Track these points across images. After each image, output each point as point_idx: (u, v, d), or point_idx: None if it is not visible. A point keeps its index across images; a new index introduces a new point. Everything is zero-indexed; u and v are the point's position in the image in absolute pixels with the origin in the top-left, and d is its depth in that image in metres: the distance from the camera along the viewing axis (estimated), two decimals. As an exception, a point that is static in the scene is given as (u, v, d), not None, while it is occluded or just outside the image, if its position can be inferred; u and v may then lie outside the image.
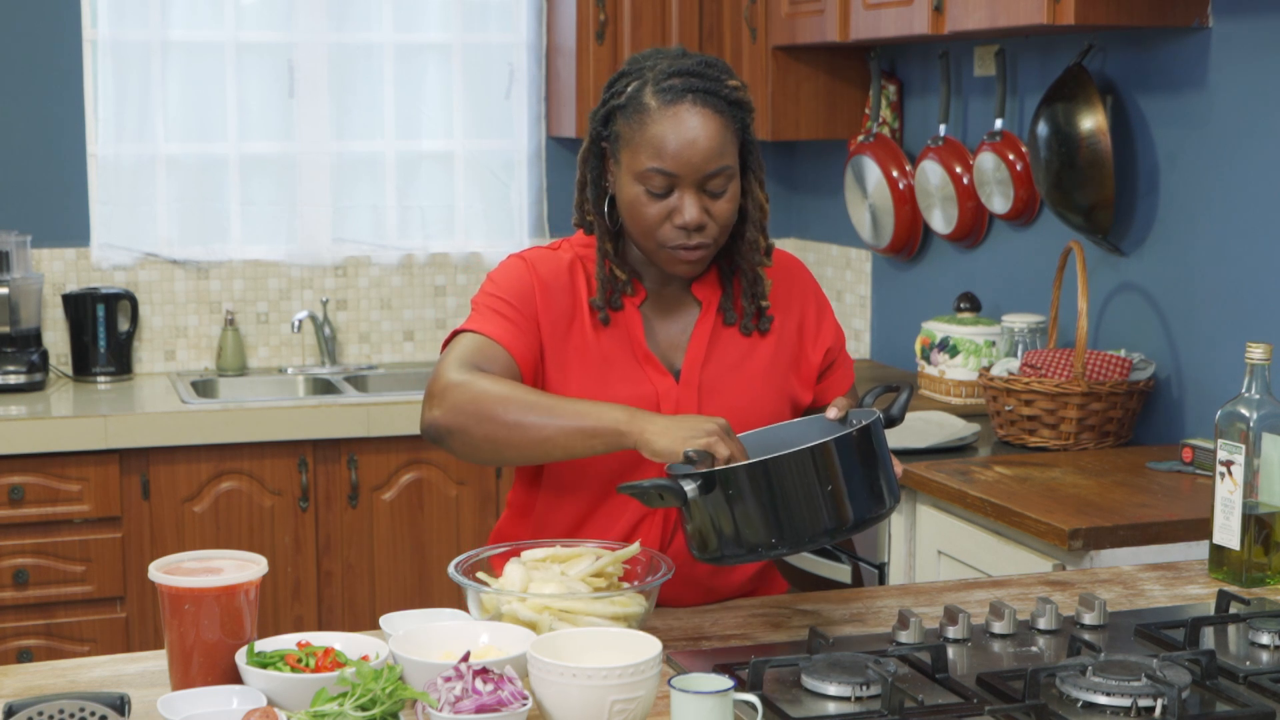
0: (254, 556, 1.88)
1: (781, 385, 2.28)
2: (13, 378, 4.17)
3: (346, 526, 4.10)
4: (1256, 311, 3.16)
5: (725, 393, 2.23)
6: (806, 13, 4.00)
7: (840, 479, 1.90)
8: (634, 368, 2.22)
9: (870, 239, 4.33)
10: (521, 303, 2.21)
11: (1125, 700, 1.74)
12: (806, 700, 1.79)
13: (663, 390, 2.21)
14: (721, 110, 2.14)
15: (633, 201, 2.15)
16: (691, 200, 2.12)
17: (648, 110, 2.12)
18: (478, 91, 4.68)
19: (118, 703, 1.72)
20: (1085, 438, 3.30)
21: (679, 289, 2.27)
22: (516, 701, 1.65)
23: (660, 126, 2.11)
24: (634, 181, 2.14)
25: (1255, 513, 2.27)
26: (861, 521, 1.92)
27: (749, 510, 1.88)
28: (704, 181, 2.13)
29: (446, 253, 4.72)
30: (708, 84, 2.13)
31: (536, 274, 2.23)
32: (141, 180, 4.44)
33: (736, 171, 2.17)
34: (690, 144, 2.11)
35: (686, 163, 2.11)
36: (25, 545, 3.87)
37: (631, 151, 2.13)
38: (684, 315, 2.27)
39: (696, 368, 2.23)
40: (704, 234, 2.15)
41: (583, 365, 2.21)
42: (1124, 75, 3.47)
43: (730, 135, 2.15)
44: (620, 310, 2.24)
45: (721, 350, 2.25)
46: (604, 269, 2.22)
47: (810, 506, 1.88)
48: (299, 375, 4.56)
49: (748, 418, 2.21)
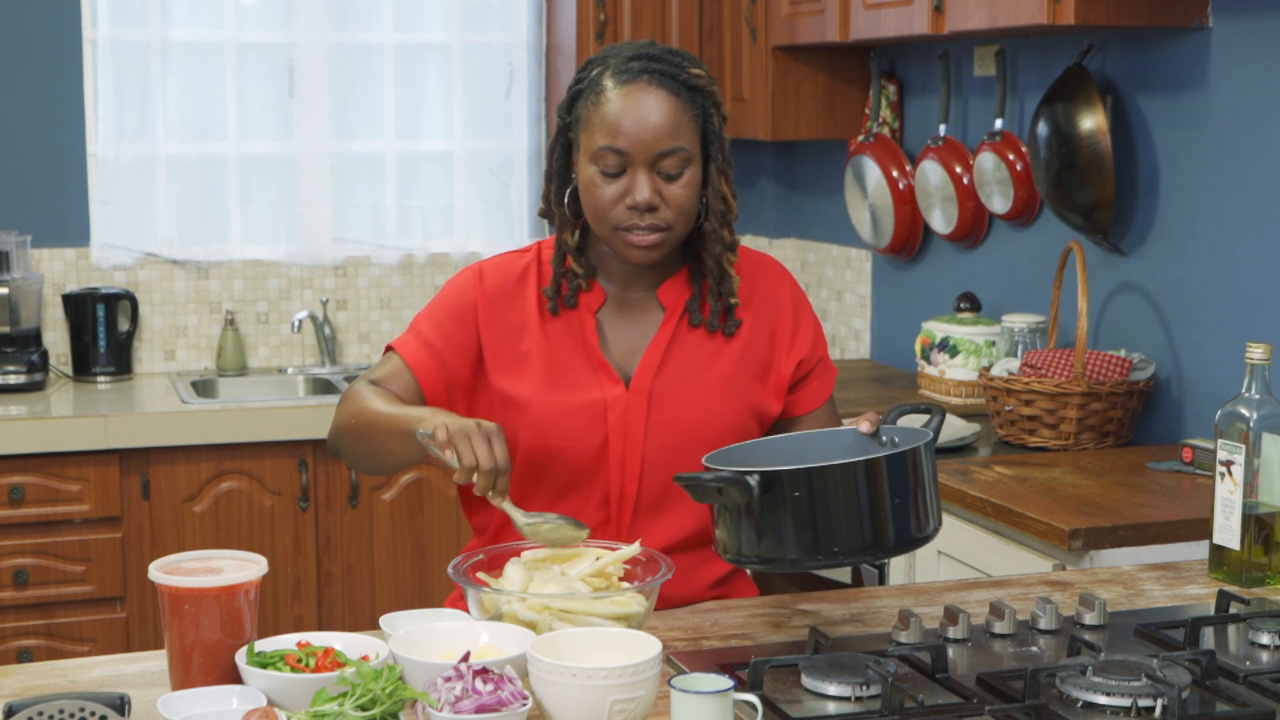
0: (254, 556, 1.88)
1: (745, 395, 2.24)
2: (13, 378, 4.17)
3: (346, 526, 4.10)
4: (1256, 311, 3.16)
5: (679, 402, 2.20)
6: (806, 13, 4.00)
7: (910, 491, 1.86)
8: (586, 373, 2.20)
9: (870, 239, 4.33)
10: (455, 324, 2.23)
11: (1125, 700, 1.74)
12: (806, 700, 1.79)
13: (611, 398, 2.19)
14: (678, 92, 2.13)
15: (588, 183, 2.15)
16: (644, 179, 2.11)
17: (604, 90, 2.13)
18: (478, 91, 4.68)
19: (118, 703, 1.72)
20: (1085, 438, 3.30)
21: (644, 293, 2.24)
22: (516, 701, 1.65)
23: (614, 105, 2.12)
24: (589, 162, 2.14)
25: (1255, 513, 2.27)
26: (916, 540, 1.89)
27: (806, 516, 1.84)
28: (656, 161, 2.11)
29: (446, 253, 4.72)
30: (666, 67, 2.14)
31: (483, 289, 2.23)
32: (141, 180, 4.44)
33: (694, 157, 2.14)
34: (641, 121, 2.10)
35: (637, 139, 2.10)
36: (25, 545, 3.87)
37: (588, 132, 2.14)
38: (646, 321, 2.24)
39: (649, 375, 2.20)
40: (657, 216, 2.12)
41: (533, 370, 2.20)
42: (1124, 75, 3.47)
43: (687, 119, 2.13)
44: (574, 309, 2.22)
45: (680, 357, 2.22)
46: (560, 261, 2.22)
47: (871, 518, 1.85)
48: (299, 375, 4.56)
49: (704, 429, 2.20)
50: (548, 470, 2.20)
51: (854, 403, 3.80)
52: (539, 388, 2.19)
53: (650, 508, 2.22)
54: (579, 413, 2.18)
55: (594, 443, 2.19)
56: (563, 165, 2.22)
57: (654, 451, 2.19)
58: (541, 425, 2.19)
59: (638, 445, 2.19)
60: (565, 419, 2.18)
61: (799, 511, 1.84)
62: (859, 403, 3.81)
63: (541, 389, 2.19)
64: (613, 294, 2.25)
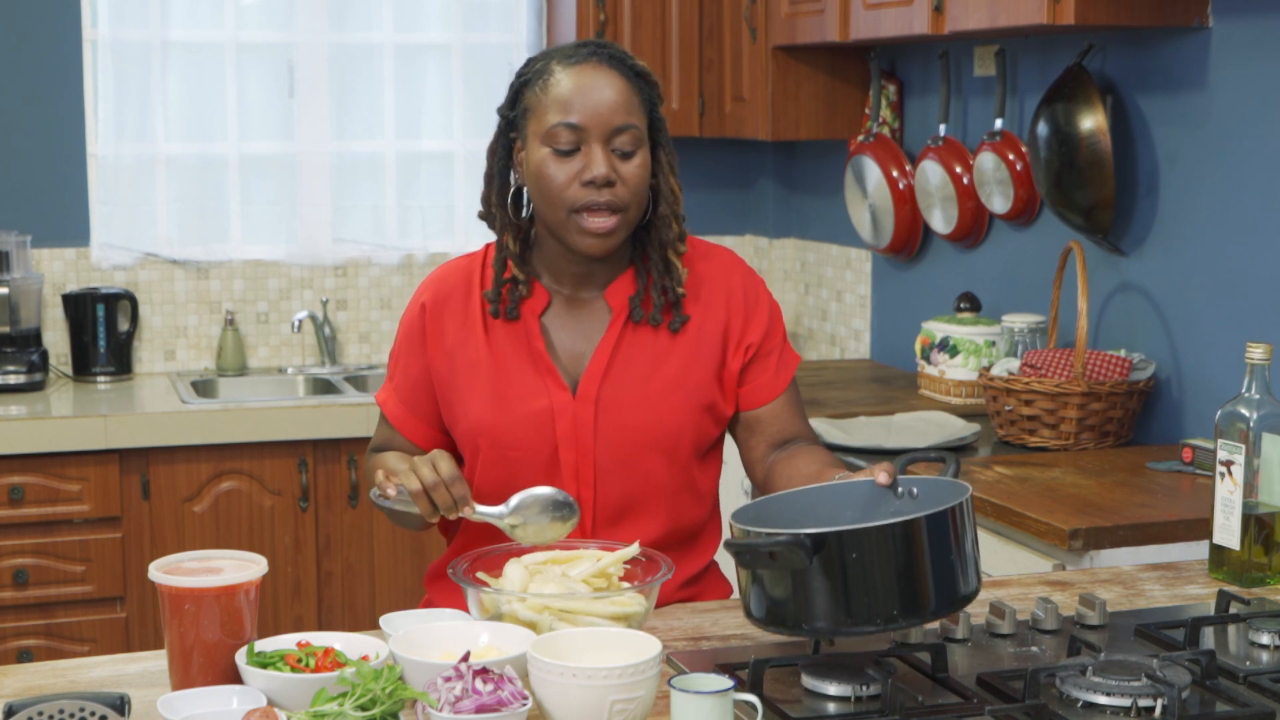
0: (254, 556, 1.88)
1: (697, 395, 2.21)
2: (13, 378, 4.17)
3: (346, 526, 4.10)
4: (1256, 311, 3.16)
5: (628, 406, 2.18)
6: (806, 13, 4.00)
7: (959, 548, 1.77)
8: (533, 380, 2.19)
9: (870, 239, 4.33)
10: (413, 362, 2.26)
11: (1125, 700, 1.74)
12: (806, 700, 1.79)
13: (559, 405, 2.17)
14: (626, 75, 2.15)
15: (540, 166, 2.13)
16: (600, 153, 2.10)
17: (552, 74, 2.14)
18: (478, 91, 4.68)
19: (118, 703, 1.72)
20: (1085, 438, 3.30)
21: (592, 294, 2.22)
22: (516, 701, 1.65)
23: (566, 84, 2.12)
24: (541, 145, 2.13)
25: (1255, 513, 2.27)
26: (964, 599, 1.80)
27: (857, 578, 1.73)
28: (611, 137, 2.11)
29: (446, 253, 4.72)
30: (613, 52, 2.16)
31: (428, 312, 2.24)
32: (141, 180, 4.44)
33: (645, 140, 2.15)
34: (597, 95, 2.11)
35: (593, 114, 2.10)
36: (25, 545, 3.87)
37: (538, 116, 2.13)
38: (593, 323, 2.22)
39: (595, 381, 2.18)
40: (614, 193, 2.11)
41: (480, 381, 2.20)
42: (1124, 75, 3.47)
43: (637, 102, 2.14)
44: (517, 319, 2.20)
45: (628, 359, 2.19)
46: (499, 265, 2.20)
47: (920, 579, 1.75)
48: (299, 375, 4.56)
49: (652, 433, 2.18)
50: (506, 481, 2.18)
51: (854, 402, 3.81)
52: (488, 399, 2.19)
53: (611, 514, 2.20)
54: (527, 422, 2.17)
55: (545, 451, 2.18)
56: (503, 167, 2.21)
57: (606, 457, 2.18)
58: (493, 436, 2.18)
59: (589, 452, 2.18)
60: (515, 429, 2.18)
61: (851, 574, 1.73)
62: (859, 402, 3.81)
63: (490, 400, 2.19)
64: (560, 295, 2.23)
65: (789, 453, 2.23)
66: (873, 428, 3.47)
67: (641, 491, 2.20)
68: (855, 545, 1.72)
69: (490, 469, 2.20)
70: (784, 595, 1.75)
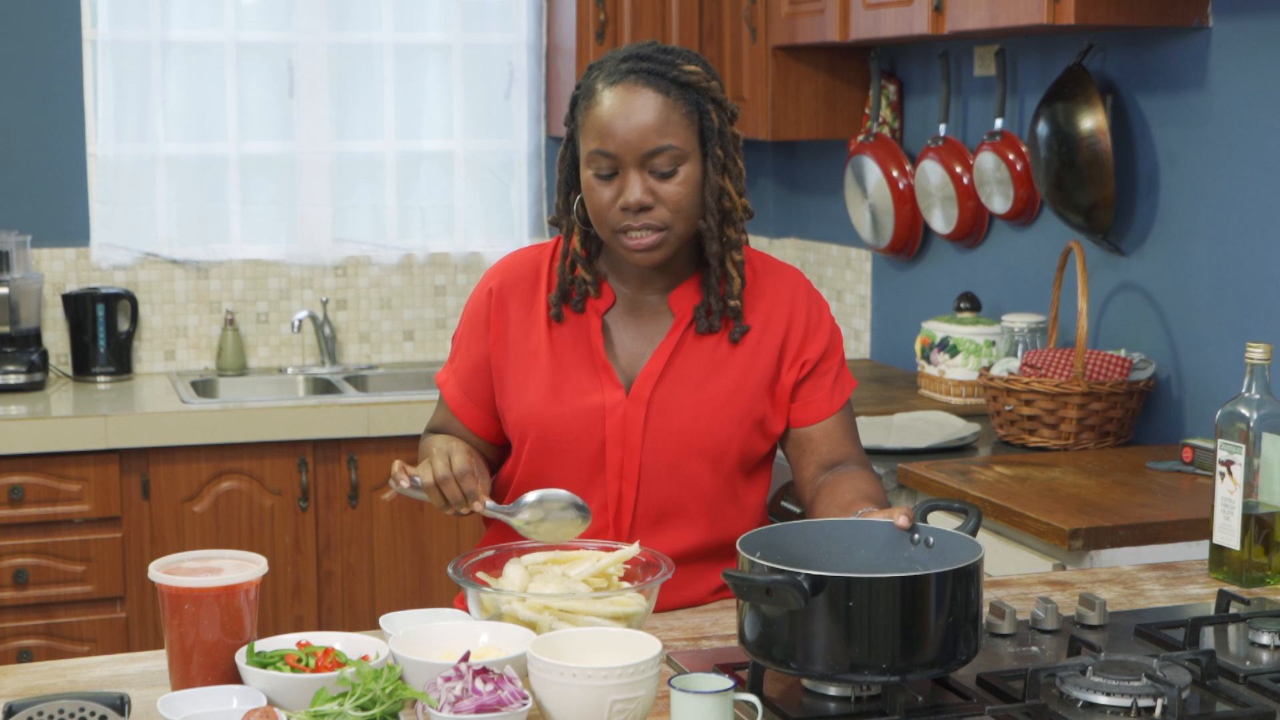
0: (254, 556, 1.88)
1: (749, 408, 2.20)
2: (13, 378, 4.17)
3: (346, 526, 4.10)
4: (1256, 311, 3.16)
5: (679, 411, 2.18)
6: (806, 13, 4.00)
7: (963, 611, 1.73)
8: (589, 377, 2.19)
9: (870, 239, 4.33)
10: (475, 347, 2.26)
11: (1125, 700, 1.74)
12: (806, 700, 1.79)
13: (610, 403, 2.18)
14: (666, 90, 2.11)
15: (586, 186, 2.15)
16: (635, 180, 2.10)
17: (595, 94, 2.13)
18: (477, 91, 4.68)
19: (118, 703, 1.72)
20: (1085, 438, 3.30)
21: (655, 296, 2.23)
22: (516, 701, 1.65)
23: (602, 108, 2.11)
24: (585, 167, 2.14)
25: (1255, 513, 2.27)
26: (958, 663, 1.75)
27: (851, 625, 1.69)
28: (645, 161, 2.10)
29: (446, 253, 4.72)
30: (654, 66, 2.12)
31: (496, 298, 2.25)
32: (141, 180, 4.44)
33: (690, 154, 2.12)
34: (627, 121, 2.09)
35: (623, 141, 2.10)
36: (25, 545, 3.87)
37: (584, 137, 2.14)
38: (654, 326, 2.22)
39: (650, 382, 2.19)
40: (651, 216, 2.11)
41: (536, 372, 2.21)
42: (1124, 75, 3.47)
43: (678, 116, 2.11)
44: (581, 314, 2.21)
45: (684, 365, 2.20)
46: (566, 268, 2.21)
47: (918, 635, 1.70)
48: (299, 375, 4.56)
49: (701, 440, 2.18)
50: (549, 474, 2.20)
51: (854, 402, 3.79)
52: (542, 391, 2.20)
53: (650, 516, 2.20)
54: (578, 416, 2.18)
55: (592, 448, 2.18)
56: (571, 173, 2.21)
57: (652, 459, 2.18)
58: (542, 428, 2.19)
59: (635, 452, 2.18)
60: (565, 422, 2.18)
61: (845, 620, 1.69)
62: (859, 402, 3.81)
63: (545, 392, 2.19)
64: (624, 296, 2.24)
65: (835, 476, 2.22)
66: (873, 428, 3.47)
67: (684, 497, 2.20)
68: (854, 593, 1.68)
69: (536, 461, 2.21)
70: (777, 630, 1.73)
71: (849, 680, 1.72)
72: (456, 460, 2.05)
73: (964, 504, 1.99)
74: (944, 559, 1.79)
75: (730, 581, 1.74)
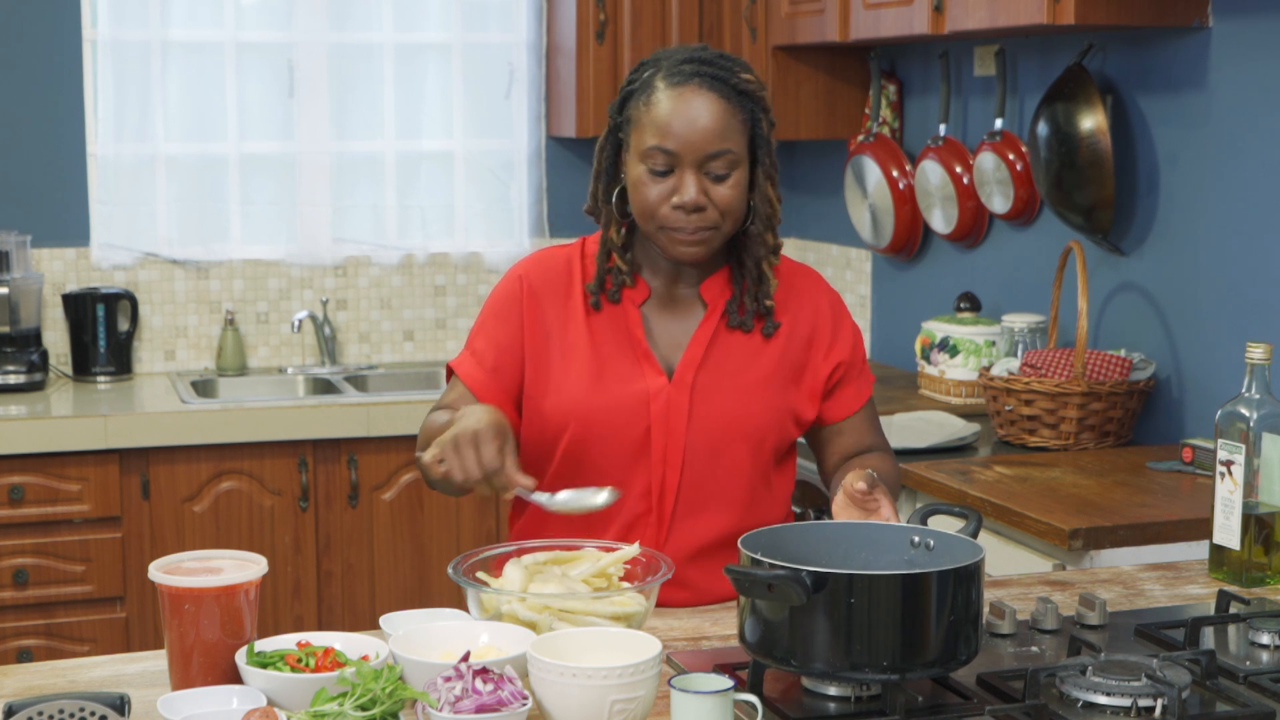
0: (254, 556, 1.88)
1: (781, 397, 2.27)
2: (13, 378, 4.17)
3: (346, 526, 4.10)
4: (1256, 311, 3.16)
5: (720, 396, 2.23)
6: (806, 13, 4.00)
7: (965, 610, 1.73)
8: (630, 365, 2.23)
9: (870, 239, 4.33)
10: (504, 331, 2.26)
11: (1125, 700, 1.74)
12: (806, 700, 1.79)
13: (654, 389, 2.22)
14: (728, 96, 2.16)
15: (636, 182, 2.19)
16: (691, 180, 2.15)
17: (655, 91, 2.17)
18: (478, 91, 4.68)
19: (118, 703, 1.72)
20: (1085, 438, 3.30)
21: (686, 289, 2.28)
22: (516, 701, 1.65)
23: (665, 106, 2.15)
24: (638, 161, 2.18)
25: (1255, 513, 2.27)
26: (958, 662, 1.75)
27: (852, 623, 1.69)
28: (704, 162, 2.15)
29: (446, 253, 4.72)
30: (717, 71, 2.17)
31: (527, 286, 2.27)
32: (141, 180, 4.44)
33: (742, 160, 2.18)
34: (691, 123, 2.14)
35: (686, 141, 2.14)
36: (25, 545, 3.87)
37: (639, 132, 2.18)
38: (688, 316, 2.27)
39: (692, 368, 2.23)
40: (703, 217, 2.16)
41: (580, 358, 2.24)
42: (1124, 75, 3.47)
43: (736, 123, 2.16)
44: (618, 304, 2.25)
45: (721, 354, 2.25)
46: (603, 257, 2.25)
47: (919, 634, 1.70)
48: (299, 375, 4.56)
49: (742, 425, 2.23)
50: (591, 461, 2.22)
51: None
52: (585, 380, 2.22)
53: (691, 501, 2.24)
54: (623, 403, 2.21)
55: (637, 433, 2.22)
56: (611, 164, 2.25)
57: (695, 444, 2.22)
58: (585, 415, 2.22)
59: (680, 437, 2.22)
60: (609, 409, 2.21)
61: (845, 618, 1.69)
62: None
63: (586, 380, 2.22)
64: (656, 289, 2.28)
65: (857, 459, 2.31)
66: (873, 428, 3.47)
67: (725, 481, 2.24)
68: (855, 591, 1.69)
69: (576, 449, 2.23)
70: (777, 628, 1.73)
71: (849, 679, 1.73)
72: (488, 454, 1.98)
73: (964, 508, 2.01)
74: (944, 562, 1.80)
75: (732, 577, 1.75)
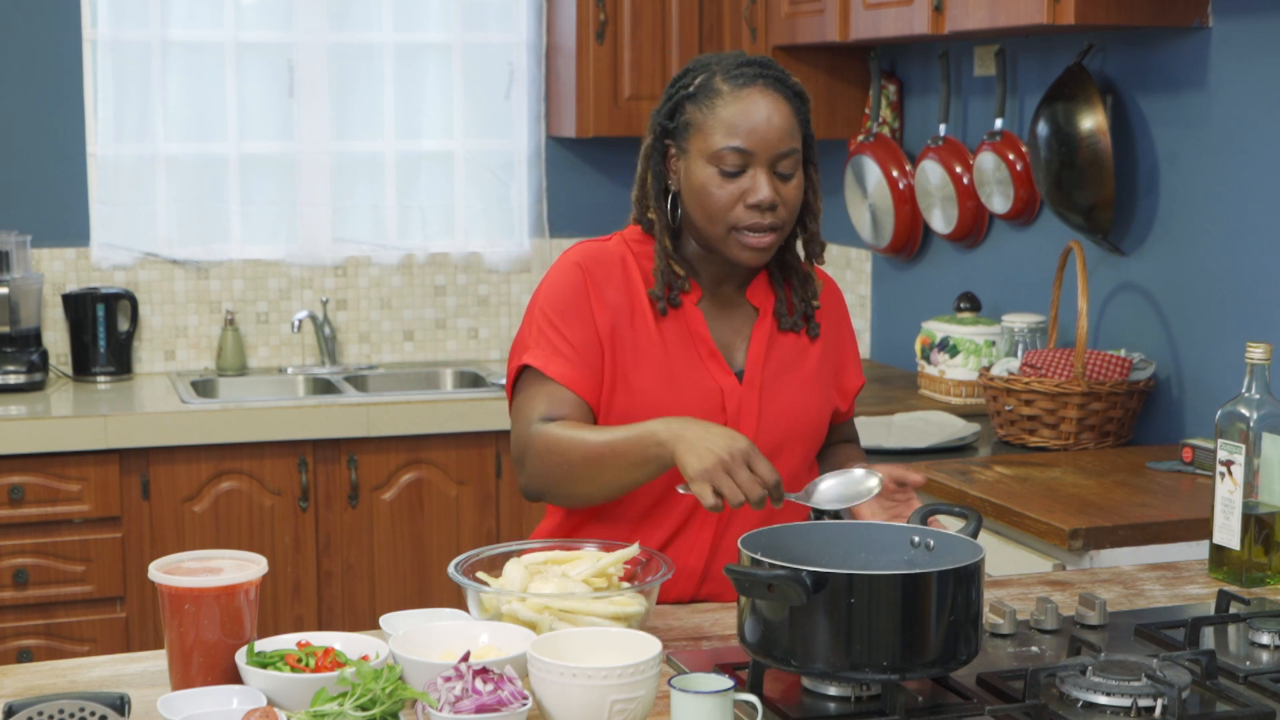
0: (254, 556, 1.88)
1: (826, 394, 2.35)
2: (13, 378, 4.17)
3: (346, 526, 4.10)
4: (1256, 311, 3.16)
5: (783, 394, 2.28)
6: (806, 13, 4.00)
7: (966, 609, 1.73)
8: (698, 363, 2.26)
9: (870, 239, 4.33)
10: (578, 321, 2.22)
11: (1125, 700, 1.74)
12: (806, 700, 1.79)
13: (727, 388, 2.26)
14: (789, 96, 2.21)
15: (704, 184, 2.19)
16: (765, 178, 2.18)
17: (720, 94, 2.19)
18: (478, 91, 4.68)
19: (118, 703, 1.72)
20: (1085, 438, 3.30)
21: (733, 291, 2.31)
22: (516, 701, 1.65)
23: (735, 107, 2.18)
24: (706, 164, 2.19)
25: (1255, 513, 2.27)
26: (959, 662, 1.75)
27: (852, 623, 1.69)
28: (776, 161, 2.19)
29: (446, 253, 4.72)
30: (776, 73, 2.22)
31: (590, 277, 2.25)
32: (141, 180, 4.44)
33: (801, 160, 2.23)
34: (765, 121, 2.17)
35: (761, 139, 2.17)
36: (25, 545, 3.87)
37: (704, 135, 2.19)
38: (740, 317, 2.31)
39: (758, 368, 2.28)
40: (775, 215, 2.20)
41: (650, 357, 2.24)
42: (1124, 75, 3.47)
43: (797, 123, 2.22)
44: (679, 307, 2.27)
45: (779, 354, 2.30)
46: (663, 263, 2.26)
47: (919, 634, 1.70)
48: (299, 375, 4.56)
49: (801, 420, 2.29)
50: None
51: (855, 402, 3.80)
52: (660, 381, 2.23)
53: None
54: (698, 402, 2.23)
55: None
56: (659, 171, 2.26)
57: (763, 441, 2.24)
58: (662, 414, 2.19)
59: (750, 434, 2.24)
60: (686, 410, 2.21)
61: (846, 617, 1.69)
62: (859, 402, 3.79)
63: (662, 381, 2.23)
64: (707, 290, 2.31)
65: (833, 449, 2.43)
66: (873, 427, 3.47)
67: (784, 477, 2.23)
68: (855, 590, 1.69)
69: None
70: (777, 628, 1.73)
71: (849, 679, 1.73)
72: (765, 470, 1.99)
73: (964, 508, 2.01)
74: (944, 562, 1.80)
75: (733, 577, 1.75)
